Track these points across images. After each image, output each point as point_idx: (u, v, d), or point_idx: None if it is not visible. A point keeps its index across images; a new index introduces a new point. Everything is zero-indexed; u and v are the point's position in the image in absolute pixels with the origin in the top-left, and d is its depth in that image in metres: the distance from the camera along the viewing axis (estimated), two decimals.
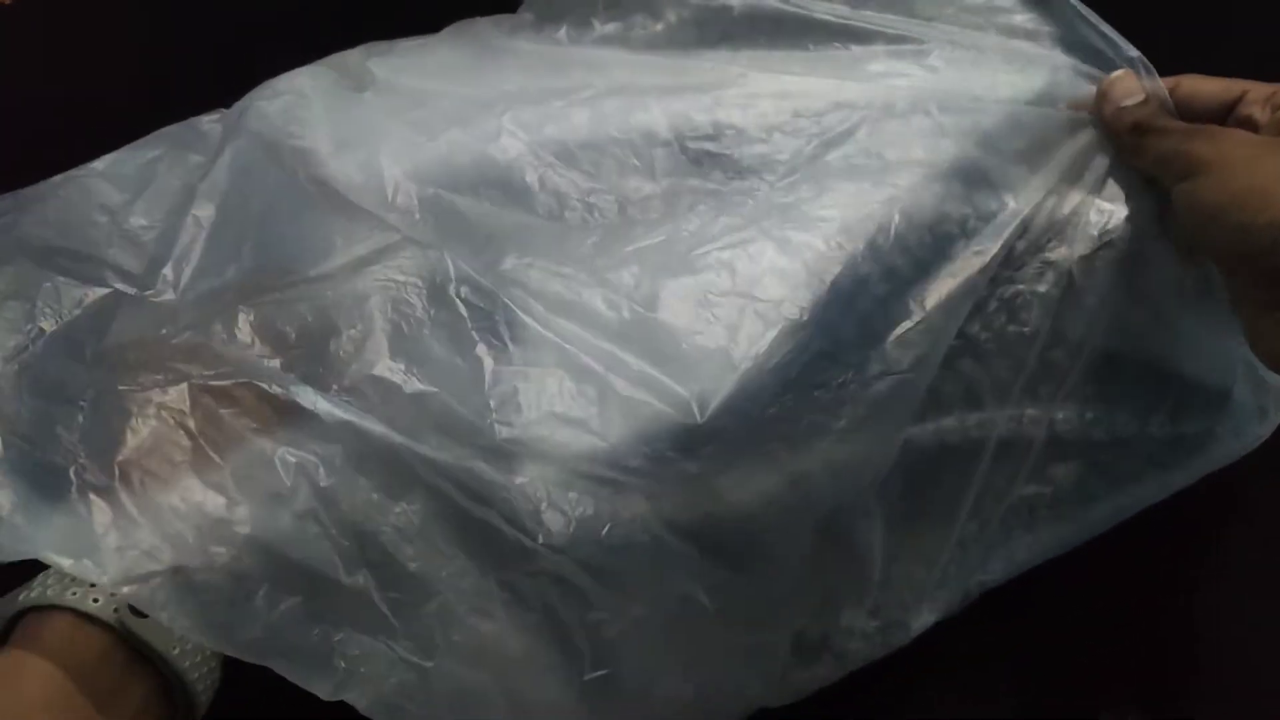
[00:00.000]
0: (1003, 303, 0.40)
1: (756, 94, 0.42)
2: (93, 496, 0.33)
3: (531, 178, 0.40)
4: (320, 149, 0.40)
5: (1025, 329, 0.40)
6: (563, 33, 0.45)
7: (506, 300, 0.37)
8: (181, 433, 0.34)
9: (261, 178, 0.41)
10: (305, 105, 0.42)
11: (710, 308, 0.37)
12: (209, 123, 0.45)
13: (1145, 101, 0.39)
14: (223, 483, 0.34)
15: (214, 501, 0.33)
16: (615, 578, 0.35)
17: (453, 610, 0.35)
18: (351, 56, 0.45)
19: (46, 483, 0.34)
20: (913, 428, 0.39)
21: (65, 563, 0.32)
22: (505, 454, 0.35)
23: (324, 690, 0.34)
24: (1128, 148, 0.40)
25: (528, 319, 0.37)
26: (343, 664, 0.34)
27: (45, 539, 0.33)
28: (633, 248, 0.38)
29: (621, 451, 0.35)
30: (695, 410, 0.35)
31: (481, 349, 0.36)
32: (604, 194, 0.40)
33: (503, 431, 0.35)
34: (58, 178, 0.43)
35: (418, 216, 0.39)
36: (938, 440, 0.40)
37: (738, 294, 0.37)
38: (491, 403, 0.35)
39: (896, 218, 0.39)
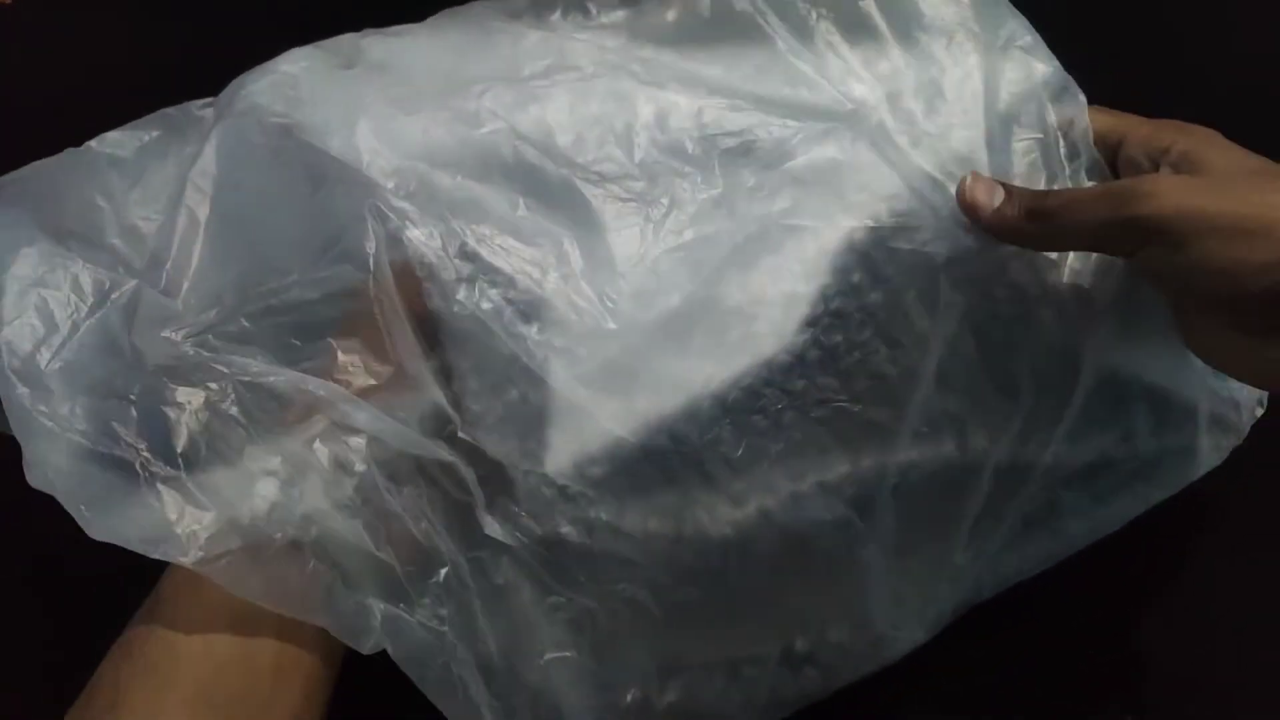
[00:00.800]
0: (990, 325, 0.40)
1: (749, 84, 0.42)
2: (161, 488, 0.35)
3: (509, 157, 0.40)
4: (301, 124, 0.40)
5: (1015, 352, 0.41)
6: (557, 16, 0.44)
7: (471, 305, 0.38)
8: (233, 424, 0.36)
9: (249, 162, 0.41)
10: (290, 84, 0.42)
11: (668, 325, 0.38)
12: (201, 108, 0.45)
13: (1011, 195, 0.38)
14: (275, 469, 0.36)
15: (270, 486, 0.36)
16: (561, 570, 0.38)
17: (453, 582, 0.38)
18: (344, 39, 0.45)
19: (112, 476, 0.36)
20: (910, 453, 0.40)
21: (147, 551, 0.35)
22: (475, 452, 0.38)
23: (364, 647, 0.37)
24: (1039, 237, 0.38)
25: (494, 326, 0.38)
26: (376, 625, 0.37)
27: (122, 530, 0.35)
28: (604, 240, 0.39)
29: (560, 466, 0.38)
30: (628, 434, 0.38)
31: (447, 351, 0.38)
32: (582, 175, 0.40)
33: (468, 435, 0.38)
34: (57, 156, 0.43)
35: (391, 185, 0.39)
36: (934, 466, 0.41)
37: (693, 311, 0.39)
38: (455, 406, 0.38)
39: (888, 222, 0.39)
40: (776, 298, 0.39)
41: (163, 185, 0.42)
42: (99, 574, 0.36)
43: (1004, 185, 0.39)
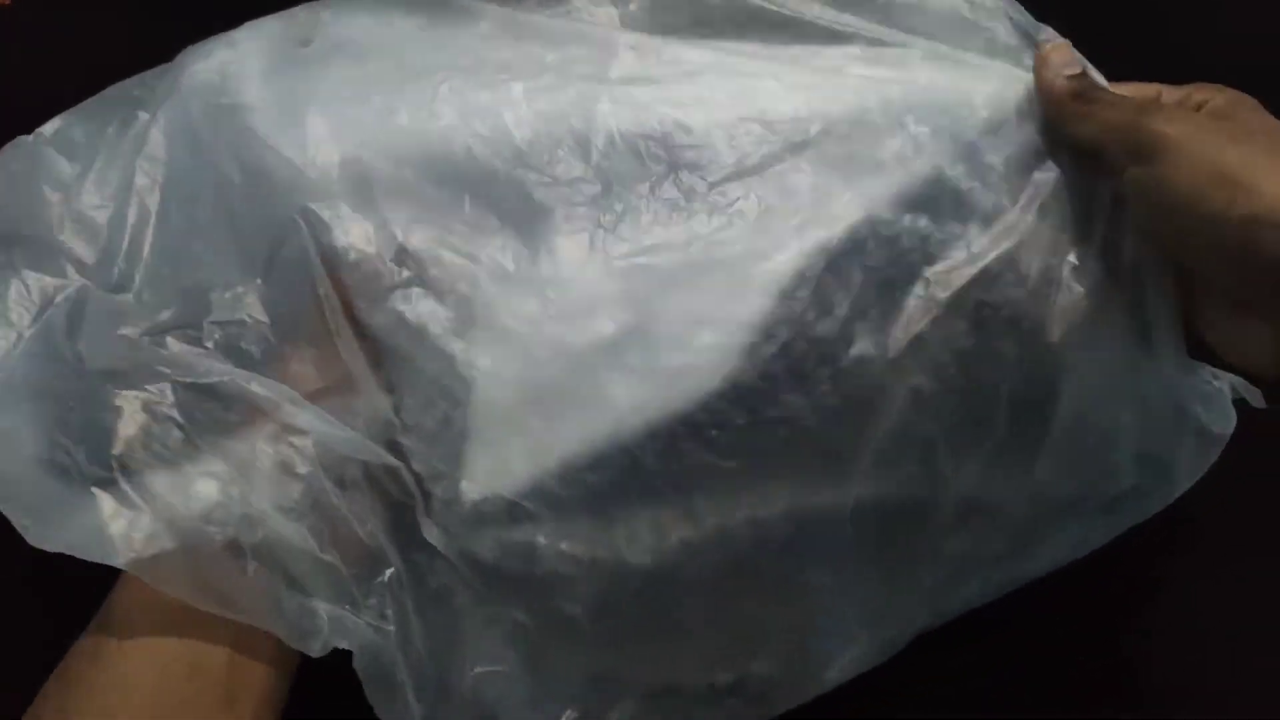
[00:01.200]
0: (951, 355, 0.39)
1: (716, 92, 0.40)
2: (96, 490, 0.36)
3: (463, 154, 0.39)
4: (246, 107, 0.40)
5: (980, 384, 0.39)
6: None
7: (399, 315, 0.37)
8: (171, 426, 0.37)
9: (196, 145, 0.40)
10: (239, 60, 0.41)
11: (602, 347, 0.37)
12: (156, 76, 0.44)
13: (1083, 73, 0.39)
14: (214, 471, 0.37)
15: (208, 488, 0.36)
16: (490, 581, 0.38)
17: (393, 585, 0.38)
18: (304, 8, 0.43)
19: (57, 485, 0.36)
20: (858, 485, 0.39)
21: (82, 554, 0.35)
22: (435, 458, 0.38)
23: (313, 649, 0.37)
24: (1070, 116, 0.38)
25: (422, 339, 0.37)
26: (324, 627, 0.37)
27: (59, 536, 0.35)
28: (546, 251, 0.38)
29: (477, 487, 0.37)
30: (551, 458, 0.37)
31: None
32: (535, 179, 0.39)
33: (427, 446, 0.38)
34: (4, 150, 0.43)
35: (330, 185, 0.38)
36: (887, 499, 0.39)
37: (630, 332, 0.37)
38: (405, 418, 0.38)
39: (843, 246, 0.38)
40: (719, 320, 0.38)
41: (116, 166, 0.42)
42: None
43: (1085, 69, 0.39)
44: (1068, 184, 0.39)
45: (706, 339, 0.38)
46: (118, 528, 0.35)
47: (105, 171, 0.42)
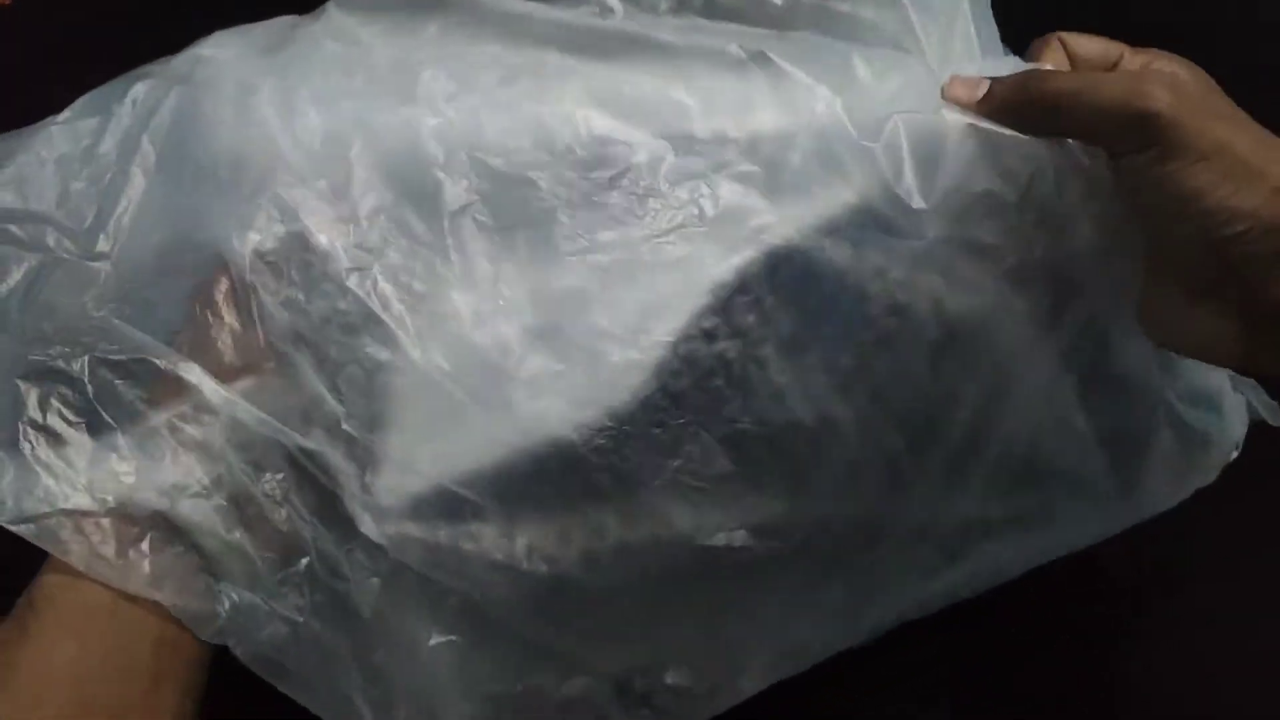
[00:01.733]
0: (862, 379, 0.38)
1: (653, 108, 0.39)
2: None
3: (436, 151, 0.39)
4: (240, 94, 0.41)
5: (902, 412, 0.39)
6: None
7: (379, 311, 0.38)
8: (79, 398, 0.37)
9: (195, 130, 0.41)
10: (240, 51, 0.43)
11: (508, 356, 0.38)
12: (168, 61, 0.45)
13: (996, 84, 0.37)
14: (115, 444, 0.37)
15: (105, 457, 0.37)
16: (441, 564, 0.38)
17: (317, 571, 0.38)
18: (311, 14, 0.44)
19: None
20: (770, 505, 0.39)
21: None
22: (362, 448, 0.38)
23: (207, 633, 0.37)
24: (1040, 119, 0.36)
25: (399, 332, 0.38)
26: (225, 611, 0.38)
27: None
28: (508, 249, 0.38)
29: (387, 486, 0.37)
30: (457, 464, 0.37)
31: (349, 352, 0.38)
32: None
33: (357, 434, 0.38)
34: (21, 131, 0.44)
35: (316, 164, 0.39)
36: (788, 518, 0.39)
37: (536, 342, 0.38)
38: (347, 408, 0.38)
39: (761, 269, 0.37)
40: (631, 336, 0.37)
41: (117, 138, 0.43)
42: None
43: (989, 79, 0.38)
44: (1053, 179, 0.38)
45: (617, 355, 0.37)
46: (6, 486, 0.36)
47: (111, 144, 0.43)
